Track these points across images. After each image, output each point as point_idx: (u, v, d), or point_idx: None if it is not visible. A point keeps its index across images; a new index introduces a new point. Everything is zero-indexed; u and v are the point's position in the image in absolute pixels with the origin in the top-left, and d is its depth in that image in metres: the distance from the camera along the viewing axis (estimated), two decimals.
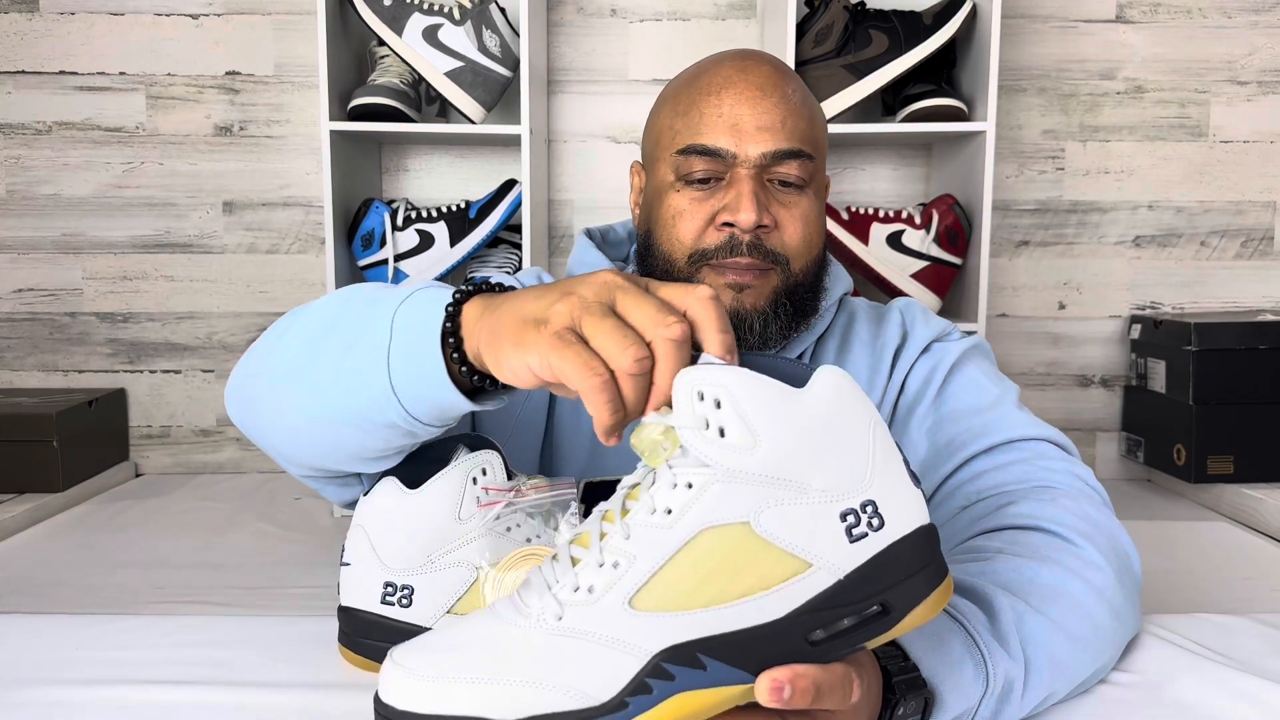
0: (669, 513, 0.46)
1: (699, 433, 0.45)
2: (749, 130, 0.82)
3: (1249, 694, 0.65)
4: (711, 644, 0.45)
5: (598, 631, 0.45)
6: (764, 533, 0.45)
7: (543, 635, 0.46)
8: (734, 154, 0.82)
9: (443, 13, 1.63)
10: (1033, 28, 1.87)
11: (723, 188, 0.83)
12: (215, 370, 1.92)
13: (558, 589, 0.47)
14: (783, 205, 0.83)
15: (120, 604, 1.20)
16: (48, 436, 1.66)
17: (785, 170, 0.82)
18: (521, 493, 0.66)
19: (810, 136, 0.84)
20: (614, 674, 0.45)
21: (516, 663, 0.45)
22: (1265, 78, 1.88)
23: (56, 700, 0.64)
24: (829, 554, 0.46)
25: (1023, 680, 0.60)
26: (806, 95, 0.86)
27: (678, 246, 0.84)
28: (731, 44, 1.86)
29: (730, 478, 0.45)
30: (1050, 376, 1.94)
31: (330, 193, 1.63)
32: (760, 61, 0.85)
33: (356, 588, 0.68)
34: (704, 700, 0.45)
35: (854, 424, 0.47)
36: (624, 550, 0.46)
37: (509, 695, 0.45)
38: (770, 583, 0.45)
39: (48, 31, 1.85)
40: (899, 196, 1.91)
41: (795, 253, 0.83)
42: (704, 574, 0.45)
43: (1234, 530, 1.52)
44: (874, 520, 0.46)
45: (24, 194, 1.88)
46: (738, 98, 0.82)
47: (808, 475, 0.45)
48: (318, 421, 0.65)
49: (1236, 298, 1.92)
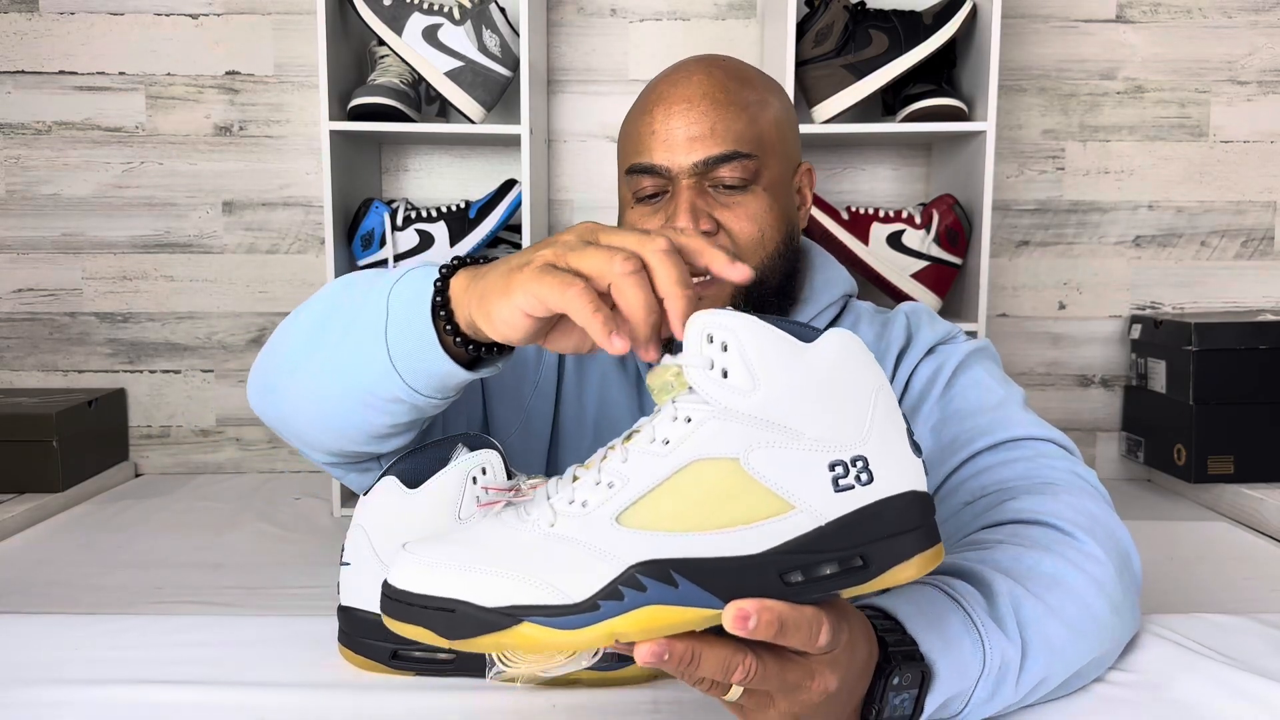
0: (666, 443, 0.49)
1: (704, 372, 0.49)
2: (680, 142, 0.85)
3: (1249, 693, 0.65)
4: (687, 565, 0.47)
5: (582, 539, 0.48)
6: (752, 470, 0.48)
7: (533, 537, 0.49)
8: (669, 168, 0.85)
9: (443, 12, 1.63)
10: (1033, 28, 1.87)
11: (668, 200, 0.86)
12: (215, 370, 1.92)
13: (555, 500, 0.50)
14: (726, 207, 0.86)
15: (120, 604, 1.20)
16: (47, 436, 1.66)
17: (722, 174, 0.85)
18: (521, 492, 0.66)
19: (749, 135, 0.86)
20: (591, 578, 0.48)
21: (505, 558, 0.48)
22: (1265, 78, 1.88)
23: (56, 700, 0.64)
24: (813, 500, 0.48)
25: (1019, 663, 0.60)
26: (749, 96, 0.87)
27: None
28: (731, 44, 1.87)
29: (726, 416, 0.48)
30: (1050, 376, 1.94)
31: (330, 193, 1.63)
32: (694, 71, 0.87)
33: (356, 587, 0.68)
34: (671, 616, 0.47)
35: (856, 384, 0.49)
36: (620, 472, 0.49)
37: (492, 585, 0.48)
38: (752, 518, 0.48)
39: (47, 31, 1.85)
40: (899, 196, 1.91)
41: (746, 250, 0.86)
42: (690, 501, 0.48)
43: (1234, 530, 1.52)
44: (863, 475, 0.48)
45: (24, 194, 1.88)
46: (667, 112, 0.86)
47: (802, 424, 0.48)
48: (329, 401, 0.68)
49: (1236, 298, 1.92)
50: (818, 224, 1.68)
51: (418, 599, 0.48)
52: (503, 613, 0.47)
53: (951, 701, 0.58)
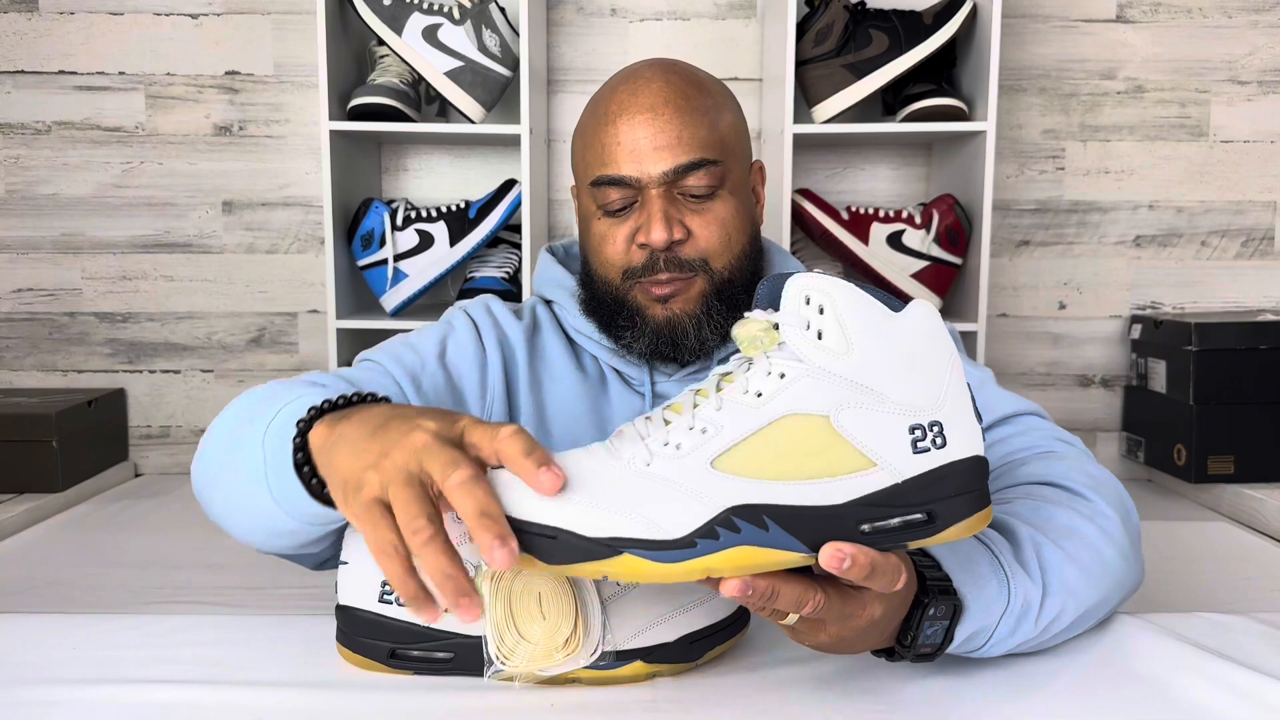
0: (759, 395, 0.52)
1: (800, 331, 0.52)
2: (647, 152, 0.85)
3: (1249, 692, 0.65)
4: (777, 511, 0.51)
5: (679, 480, 0.51)
6: (840, 428, 0.51)
7: (630, 474, 0.52)
8: (638, 178, 0.86)
9: (442, 12, 1.63)
10: (1033, 28, 1.87)
11: (638, 209, 0.87)
12: (215, 370, 1.92)
13: (650, 441, 0.53)
14: (695, 213, 0.87)
15: (120, 604, 1.20)
16: (47, 436, 1.66)
17: (691, 182, 0.86)
18: None
19: (712, 141, 0.86)
20: (688, 517, 0.51)
21: (605, 493, 0.51)
22: (1265, 78, 1.88)
23: (56, 700, 0.64)
24: (893, 458, 0.52)
25: (1039, 603, 0.67)
26: (706, 99, 0.88)
27: (609, 269, 0.89)
28: (731, 44, 1.87)
29: (820, 375, 0.52)
30: (1050, 376, 1.94)
31: (330, 192, 1.63)
32: (650, 79, 0.87)
33: (354, 586, 0.68)
34: (760, 557, 0.51)
35: (935, 354, 0.53)
36: (713, 420, 0.52)
37: (593, 516, 0.51)
38: (837, 472, 0.51)
39: (47, 31, 1.85)
40: (899, 196, 1.91)
41: (714, 253, 0.87)
42: (780, 451, 0.51)
43: (1234, 530, 1.52)
44: (938, 439, 0.53)
45: (24, 194, 1.88)
46: (631, 122, 0.86)
47: (888, 387, 0.52)
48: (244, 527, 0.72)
49: (1236, 298, 1.92)
50: (817, 224, 1.68)
51: (519, 523, 0.50)
52: (604, 543, 0.50)
53: (977, 635, 0.65)
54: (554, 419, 0.92)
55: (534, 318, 0.97)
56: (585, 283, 0.94)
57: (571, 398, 0.92)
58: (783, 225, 1.67)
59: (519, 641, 0.63)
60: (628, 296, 0.89)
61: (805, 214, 1.68)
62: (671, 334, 0.88)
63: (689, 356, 0.89)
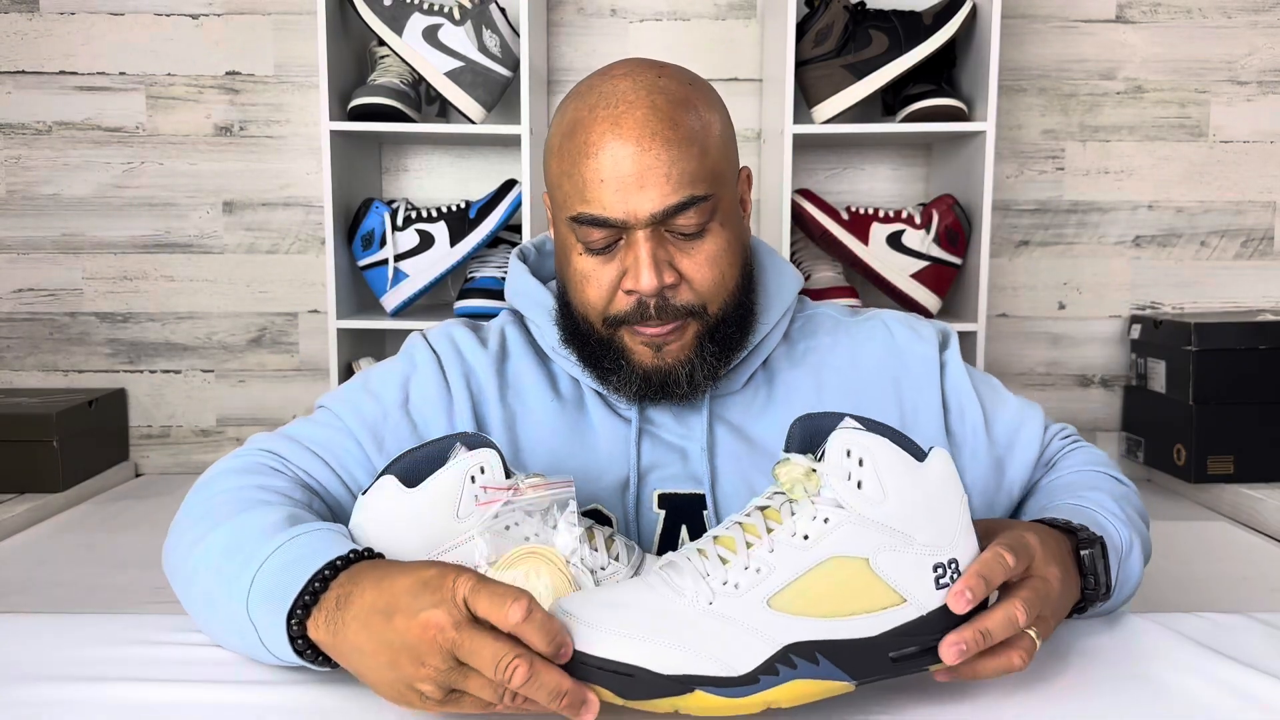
0: (806, 538, 0.59)
1: (842, 481, 0.59)
2: (633, 191, 0.77)
3: (1249, 693, 0.65)
4: (826, 646, 0.58)
5: (741, 619, 0.57)
6: (877, 569, 0.59)
7: (696, 614, 0.57)
8: (624, 220, 0.78)
9: (443, 13, 1.63)
10: (1033, 28, 1.87)
11: (623, 248, 0.80)
12: (215, 370, 1.92)
13: (710, 580, 0.58)
14: (686, 254, 0.80)
15: (120, 604, 1.20)
16: (48, 436, 1.66)
17: (681, 222, 0.78)
18: (520, 491, 0.66)
19: (702, 174, 0.79)
20: (751, 655, 0.57)
21: (673, 630, 0.56)
22: (1265, 78, 1.88)
23: (56, 700, 0.64)
24: (919, 594, 0.59)
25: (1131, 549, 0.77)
26: (694, 120, 0.79)
27: (591, 310, 0.82)
28: (731, 44, 1.86)
29: (860, 521, 0.59)
30: (1050, 376, 1.94)
31: (330, 193, 1.63)
32: (634, 104, 0.78)
33: None
34: (812, 688, 0.58)
35: (952, 497, 0.61)
36: (767, 560, 0.58)
37: (666, 655, 0.56)
38: (873, 608, 0.59)
39: (48, 31, 1.85)
40: (899, 196, 1.91)
41: (709, 297, 0.81)
42: (826, 590, 0.58)
43: (1234, 530, 1.52)
44: (954, 574, 0.61)
45: (24, 194, 1.88)
46: (615, 157, 0.77)
47: (916, 530, 0.59)
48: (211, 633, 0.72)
49: (1236, 298, 1.92)
50: (817, 224, 1.68)
51: (598, 661, 0.56)
52: (678, 680, 0.56)
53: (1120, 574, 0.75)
54: (531, 452, 0.85)
55: (502, 341, 0.91)
56: (565, 311, 0.86)
57: (549, 430, 0.86)
58: (783, 225, 1.67)
59: None
60: (613, 339, 0.82)
61: (805, 214, 1.68)
62: (663, 380, 0.82)
63: (681, 399, 0.84)
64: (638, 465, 0.84)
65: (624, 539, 0.71)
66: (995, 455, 0.89)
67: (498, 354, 0.89)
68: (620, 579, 0.67)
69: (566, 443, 0.85)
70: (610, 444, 0.85)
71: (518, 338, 0.91)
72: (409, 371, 0.88)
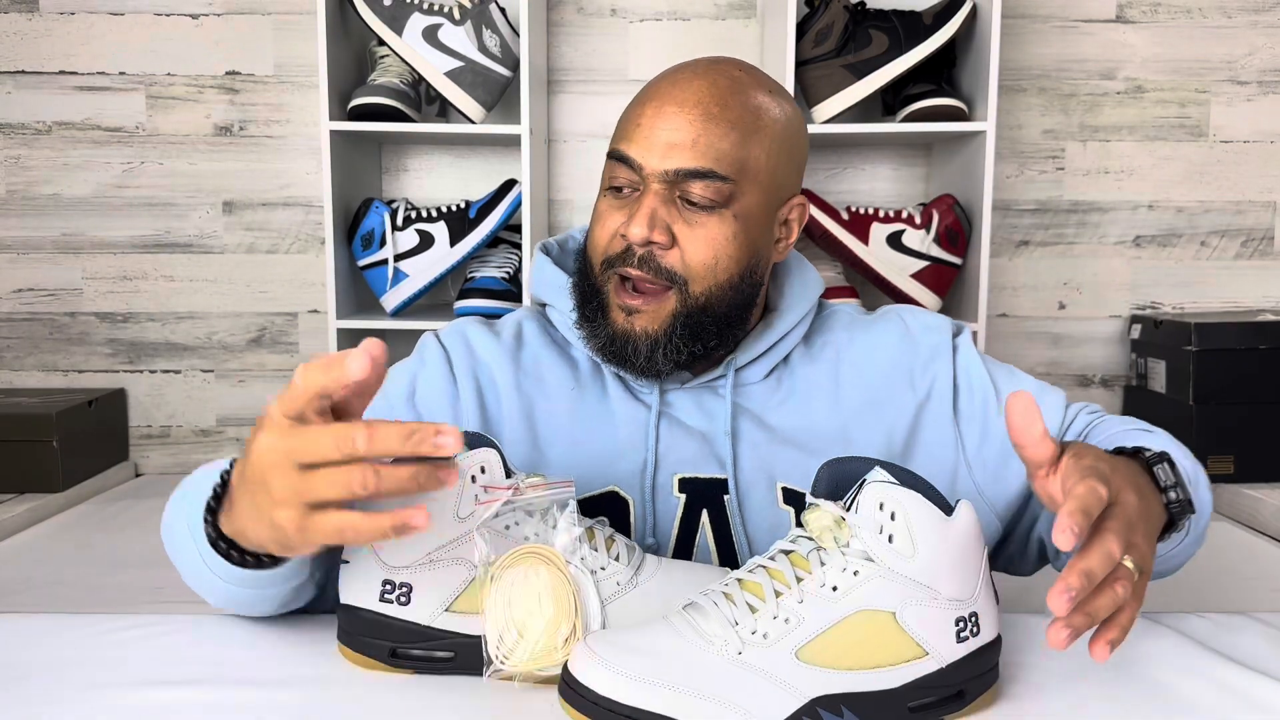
0: (835, 589, 0.59)
1: (874, 534, 0.59)
2: (659, 145, 0.80)
3: (1249, 692, 0.65)
4: (850, 699, 0.59)
5: (770, 670, 0.58)
6: (903, 623, 0.59)
7: (724, 663, 0.58)
8: (642, 166, 0.81)
9: (443, 13, 1.63)
10: (1033, 28, 1.87)
11: (635, 198, 0.82)
12: (215, 370, 1.92)
13: (740, 629, 0.59)
14: (687, 224, 0.81)
15: (120, 604, 1.20)
16: (48, 436, 1.66)
17: (692, 189, 0.80)
18: (520, 491, 0.66)
19: (733, 157, 0.80)
20: (779, 706, 0.58)
21: (702, 680, 0.57)
22: (1265, 78, 1.88)
23: (56, 700, 0.64)
24: (941, 648, 0.60)
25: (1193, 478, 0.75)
26: (747, 116, 0.82)
27: (595, 250, 0.85)
28: (731, 44, 1.87)
29: (889, 575, 0.59)
30: (1050, 376, 1.94)
31: (330, 192, 1.63)
32: (698, 75, 0.82)
33: (355, 586, 0.68)
34: None
35: (974, 551, 0.61)
36: (796, 611, 0.59)
37: (695, 705, 0.57)
38: (897, 660, 0.59)
39: (48, 31, 1.85)
40: (899, 196, 1.91)
41: (695, 274, 0.81)
42: (853, 643, 0.59)
43: (1234, 530, 1.52)
44: (975, 628, 0.61)
45: (24, 194, 1.88)
46: (658, 110, 0.81)
47: (941, 584, 0.60)
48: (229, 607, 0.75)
49: (1236, 298, 1.92)
50: (817, 224, 1.68)
51: (627, 709, 0.56)
52: None
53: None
54: (549, 436, 0.85)
55: (518, 331, 0.92)
56: (580, 256, 0.89)
57: (568, 414, 0.86)
58: None
59: (519, 641, 0.63)
60: (603, 287, 0.84)
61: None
62: (623, 346, 0.82)
63: (634, 373, 0.84)
64: (655, 449, 0.84)
65: (624, 539, 0.71)
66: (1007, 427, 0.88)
67: (513, 343, 0.90)
68: (620, 580, 0.67)
69: (585, 426, 0.85)
70: (629, 427, 0.85)
71: (535, 329, 0.92)
72: (417, 369, 0.89)
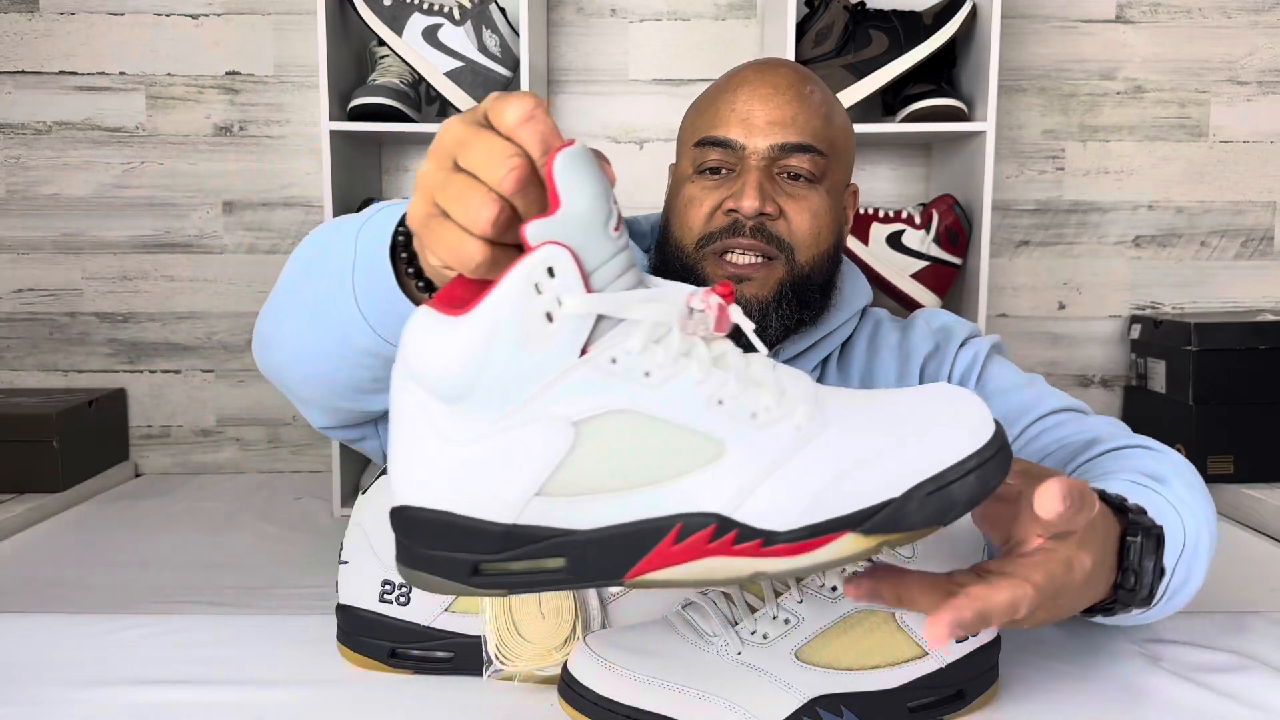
0: (834, 589, 0.61)
1: None
2: (759, 124, 0.85)
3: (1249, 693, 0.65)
4: (849, 699, 0.60)
5: (770, 670, 0.59)
6: (902, 622, 0.61)
7: (724, 662, 0.59)
8: (743, 145, 0.85)
9: (443, 13, 1.63)
10: (1033, 28, 1.87)
11: (733, 178, 0.86)
12: (215, 370, 1.92)
13: (740, 629, 0.60)
14: (790, 196, 0.85)
15: (120, 604, 1.20)
16: (48, 436, 1.66)
17: (794, 163, 0.85)
18: None
19: (824, 134, 0.87)
20: (778, 706, 0.59)
21: (702, 680, 0.58)
22: (1265, 78, 1.88)
23: (56, 700, 0.64)
24: (940, 647, 0.61)
25: (1192, 538, 0.68)
26: (828, 99, 0.89)
27: (687, 233, 0.87)
28: (731, 44, 1.87)
29: None
30: (1050, 376, 1.94)
31: (330, 193, 1.63)
32: (781, 65, 0.89)
33: (355, 586, 0.68)
34: None
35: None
36: (795, 611, 0.60)
37: (696, 705, 0.58)
38: (895, 660, 0.60)
39: (48, 31, 1.85)
40: (899, 196, 1.91)
41: (800, 243, 0.85)
42: (852, 643, 0.60)
43: (1234, 530, 1.52)
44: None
45: (24, 194, 1.88)
46: (751, 94, 0.86)
47: None
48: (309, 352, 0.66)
49: (1236, 298, 1.92)
50: None
51: (627, 709, 0.57)
52: None
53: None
54: None
55: None
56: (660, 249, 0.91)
57: None
58: None
59: (519, 641, 0.63)
60: (698, 265, 0.85)
61: None
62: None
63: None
64: None
65: None
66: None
67: None
68: None
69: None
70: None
71: None
72: None
